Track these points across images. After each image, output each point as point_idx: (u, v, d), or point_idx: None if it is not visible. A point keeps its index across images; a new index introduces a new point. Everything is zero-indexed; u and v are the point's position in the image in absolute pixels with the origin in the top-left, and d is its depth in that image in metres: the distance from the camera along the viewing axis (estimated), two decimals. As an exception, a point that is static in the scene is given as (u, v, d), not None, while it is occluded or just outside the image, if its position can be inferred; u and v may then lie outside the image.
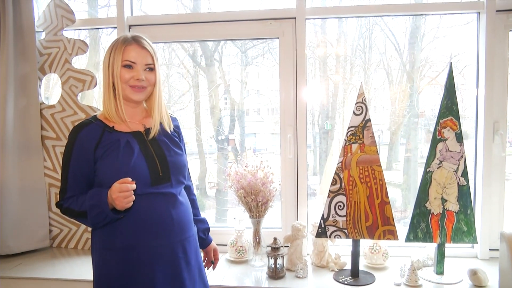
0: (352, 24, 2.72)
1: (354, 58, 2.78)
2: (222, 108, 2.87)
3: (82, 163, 1.48)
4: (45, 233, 2.51)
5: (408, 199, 2.76)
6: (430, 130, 2.69)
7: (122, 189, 1.36)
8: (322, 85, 2.73)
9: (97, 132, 1.49)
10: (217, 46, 2.81)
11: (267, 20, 2.38)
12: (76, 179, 1.49)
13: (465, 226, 2.03)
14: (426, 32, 2.64)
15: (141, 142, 1.53)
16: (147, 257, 1.47)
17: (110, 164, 1.45)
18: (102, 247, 1.50)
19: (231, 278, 2.12)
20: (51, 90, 2.86)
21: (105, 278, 1.50)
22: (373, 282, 2.04)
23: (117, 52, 1.49)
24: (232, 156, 2.88)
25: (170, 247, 1.51)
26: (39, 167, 2.49)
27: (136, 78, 1.50)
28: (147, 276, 1.47)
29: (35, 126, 2.47)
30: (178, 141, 1.66)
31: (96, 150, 1.47)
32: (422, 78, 2.68)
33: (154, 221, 1.48)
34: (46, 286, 2.14)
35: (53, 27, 2.48)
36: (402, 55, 2.70)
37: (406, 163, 2.80)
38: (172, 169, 1.54)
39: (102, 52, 2.90)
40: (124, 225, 1.46)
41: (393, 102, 2.69)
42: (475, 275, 1.96)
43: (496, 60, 2.23)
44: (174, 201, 1.54)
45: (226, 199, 2.87)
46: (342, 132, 2.72)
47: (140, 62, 1.50)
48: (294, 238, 2.21)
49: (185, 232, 1.57)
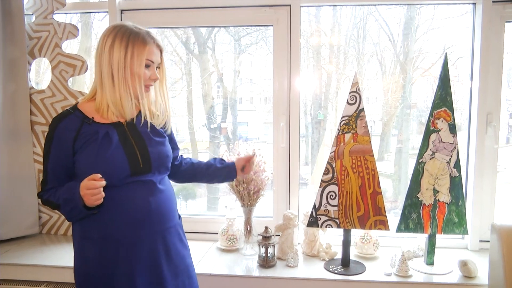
0: (346, 14, 2.70)
1: (348, 48, 2.76)
2: (214, 97, 2.84)
3: (60, 155, 1.45)
4: (35, 219, 2.49)
5: (399, 189, 2.76)
6: (422, 122, 2.69)
7: (89, 186, 1.33)
8: (315, 75, 2.70)
9: (75, 124, 1.45)
10: (210, 34, 2.78)
11: (261, 7, 2.34)
12: (56, 171, 1.47)
13: (456, 217, 2.04)
14: (420, 23, 2.62)
15: (121, 133, 1.48)
16: (125, 248, 1.45)
17: (87, 156, 1.42)
18: (80, 237, 1.48)
19: (222, 267, 2.12)
20: (41, 75, 2.82)
21: (84, 267, 1.48)
22: (363, 271, 2.04)
23: (139, 49, 1.43)
24: (225, 145, 2.86)
25: (149, 238, 1.48)
26: (28, 153, 2.46)
27: (153, 78, 1.49)
28: (126, 267, 1.45)
29: (24, 111, 2.43)
30: (163, 132, 1.61)
31: (75, 142, 1.43)
32: (415, 69, 2.66)
33: (131, 211, 1.45)
34: (35, 273, 2.12)
35: (43, 10, 2.43)
36: (395, 46, 2.68)
37: (397, 154, 2.80)
38: (153, 160, 1.50)
39: (94, 38, 2.85)
40: (101, 215, 1.43)
41: (385, 93, 2.68)
42: (465, 266, 1.96)
43: (491, 52, 2.22)
44: (153, 189, 1.50)
45: (218, 187, 2.86)
46: (335, 122, 2.71)
47: (156, 61, 1.49)
48: (286, 227, 2.21)
49: (165, 222, 1.53)
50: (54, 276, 2.12)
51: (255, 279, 2.04)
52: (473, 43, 2.28)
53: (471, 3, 2.28)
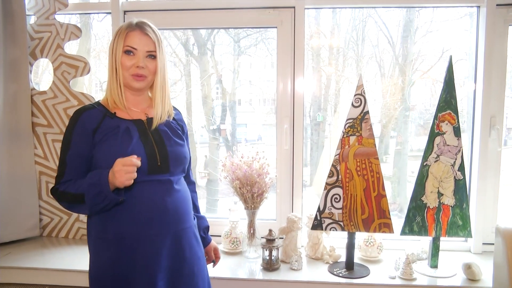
0: (345, 16, 2.69)
1: (347, 50, 2.76)
2: (214, 98, 2.83)
3: (82, 145, 1.45)
4: (35, 222, 2.46)
5: (398, 191, 2.76)
6: (420, 124, 2.70)
7: (126, 163, 1.32)
8: (315, 77, 2.70)
9: (98, 116, 1.47)
10: (209, 35, 2.77)
11: (265, 9, 2.34)
12: (75, 162, 1.45)
13: (460, 220, 2.04)
14: (419, 26, 2.63)
15: (141, 130, 1.50)
16: (143, 248, 1.43)
17: (107, 149, 1.41)
18: (96, 236, 1.47)
19: (225, 270, 2.11)
20: (40, 76, 2.79)
21: (98, 268, 1.47)
22: (368, 275, 2.03)
23: (120, 37, 1.47)
24: (224, 147, 2.85)
25: (167, 238, 1.46)
26: (30, 155, 2.44)
27: (136, 65, 1.47)
28: (144, 268, 1.43)
29: (26, 113, 2.41)
30: (181, 133, 1.61)
31: (95, 134, 1.44)
32: (414, 71, 2.67)
33: (148, 210, 1.44)
34: (36, 276, 2.10)
35: (45, 11, 2.41)
36: (394, 48, 2.68)
37: (396, 156, 2.80)
38: (171, 160, 1.50)
39: (94, 39, 2.85)
40: (118, 213, 1.42)
41: (384, 95, 2.68)
42: (470, 269, 1.96)
43: (495, 55, 2.23)
44: (170, 189, 1.50)
45: (217, 189, 2.85)
46: (334, 124, 2.71)
47: (141, 49, 1.47)
48: (289, 230, 2.20)
49: (183, 222, 1.52)
50: (54, 279, 2.10)
51: (259, 282, 2.03)
52: (476, 46, 2.28)
53: (475, 6, 2.28)
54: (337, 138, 2.07)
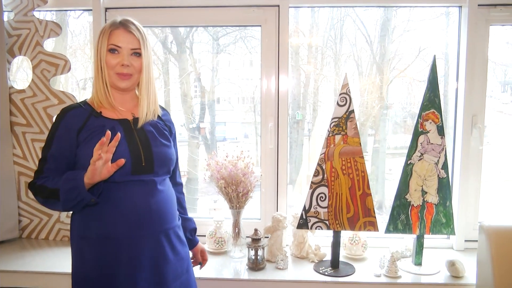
0: (324, 15, 2.70)
1: (326, 49, 2.77)
2: (193, 96, 2.81)
3: (64, 144, 1.44)
4: (14, 223, 2.40)
5: (376, 189, 2.77)
6: (398, 122, 2.72)
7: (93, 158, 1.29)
8: (294, 75, 2.70)
9: (83, 115, 1.46)
10: (188, 33, 2.74)
11: (250, 7, 2.32)
12: (56, 160, 1.44)
13: (444, 218, 2.06)
14: (396, 25, 2.66)
15: (126, 130, 1.48)
16: (125, 248, 1.42)
17: (91, 148, 1.38)
18: (78, 236, 1.46)
19: (210, 270, 2.08)
20: (14, 74, 2.71)
21: (83, 269, 1.45)
22: (353, 273, 2.04)
23: (104, 36, 1.45)
24: (203, 145, 2.84)
25: (150, 239, 1.45)
26: (8, 155, 2.37)
27: (121, 64, 1.45)
28: (126, 268, 1.41)
29: (4, 112, 2.34)
30: (168, 134, 1.59)
31: (80, 133, 1.43)
32: (392, 70, 2.69)
33: (131, 210, 1.43)
34: (15, 279, 2.04)
35: (23, 7, 2.34)
36: (372, 47, 2.70)
37: (374, 153, 2.82)
38: (156, 160, 1.48)
39: (70, 36, 2.79)
40: (99, 213, 1.41)
41: (362, 93, 2.70)
42: (453, 266, 1.99)
43: (477, 54, 2.26)
44: (153, 189, 1.48)
45: (197, 188, 2.82)
46: (313, 122, 2.72)
47: (125, 47, 1.45)
48: (275, 229, 2.19)
49: (166, 223, 1.51)
50: (35, 282, 2.04)
51: (245, 282, 2.01)
52: (458, 46, 2.31)
53: (456, 6, 2.31)
54: (316, 136, 2.07)
